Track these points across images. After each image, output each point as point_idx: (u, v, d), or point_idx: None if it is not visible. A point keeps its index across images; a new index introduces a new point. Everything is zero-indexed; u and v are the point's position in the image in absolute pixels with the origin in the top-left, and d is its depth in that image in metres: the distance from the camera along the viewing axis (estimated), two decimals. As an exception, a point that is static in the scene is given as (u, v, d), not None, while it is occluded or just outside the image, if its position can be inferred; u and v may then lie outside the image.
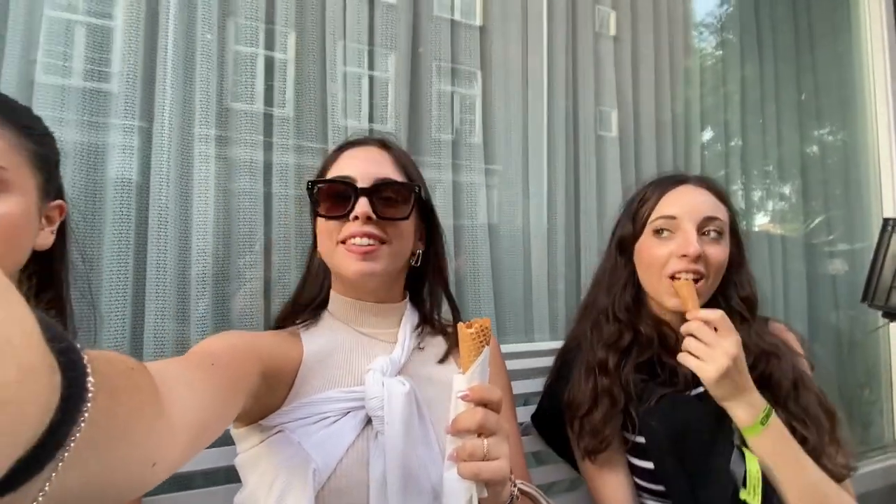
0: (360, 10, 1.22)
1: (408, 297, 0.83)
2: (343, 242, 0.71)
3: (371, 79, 1.24)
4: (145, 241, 0.96)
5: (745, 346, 0.79)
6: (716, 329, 0.75)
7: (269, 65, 1.13)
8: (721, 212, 0.88)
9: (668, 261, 0.85)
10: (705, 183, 0.92)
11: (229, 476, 0.80)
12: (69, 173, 0.91)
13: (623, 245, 0.95)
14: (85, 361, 0.24)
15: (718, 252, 0.85)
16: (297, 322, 0.78)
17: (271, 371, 0.65)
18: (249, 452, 0.68)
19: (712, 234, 0.85)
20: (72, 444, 0.24)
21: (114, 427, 0.29)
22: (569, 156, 1.47)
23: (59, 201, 0.64)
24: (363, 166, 0.74)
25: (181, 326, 0.97)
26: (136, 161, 0.98)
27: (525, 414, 1.05)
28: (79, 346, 0.25)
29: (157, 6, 1.00)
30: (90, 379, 0.25)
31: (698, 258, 0.82)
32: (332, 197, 0.73)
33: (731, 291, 0.90)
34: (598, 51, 1.56)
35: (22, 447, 0.20)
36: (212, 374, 0.50)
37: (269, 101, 1.12)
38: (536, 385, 1.10)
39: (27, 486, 0.22)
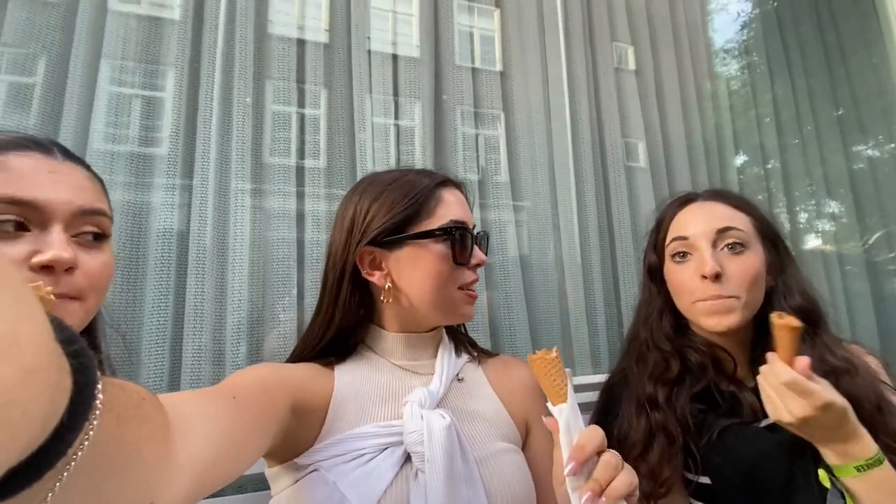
0: (385, 64, 1.29)
1: (443, 327, 0.80)
2: (461, 288, 0.73)
3: (398, 127, 1.29)
4: (184, 288, 0.99)
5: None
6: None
7: (302, 120, 1.20)
8: (739, 220, 0.81)
9: (692, 285, 0.80)
10: (717, 195, 0.86)
11: None
12: (115, 227, 0.97)
13: (652, 274, 0.91)
14: (96, 370, 0.24)
15: (742, 265, 0.78)
16: (330, 356, 0.74)
17: (301, 404, 0.62)
18: (283, 494, 0.64)
19: (733, 247, 0.79)
20: (74, 461, 0.23)
21: (117, 454, 0.28)
22: (598, 188, 1.46)
23: None
24: (468, 211, 0.76)
25: (217, 369, 0.99)
26: (177, 215, 1.04)
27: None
28: (93, 353, 0.24)
29: (200, 74, 1.10)
30: (99, 392, 0.24)
31: (718, 276, 0.76)
32: (462, 241, 0.72)
33: (779, 302, 0.80)
34: (620, 85, 1.58)
35: (21, 449, 0.19)
36: (231, 410, 0.48)
37: (301, 153, 1.18)
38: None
39: (23, 495, 0.21)
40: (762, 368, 0.68)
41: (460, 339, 0.82)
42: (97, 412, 0.23)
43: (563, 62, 1.50)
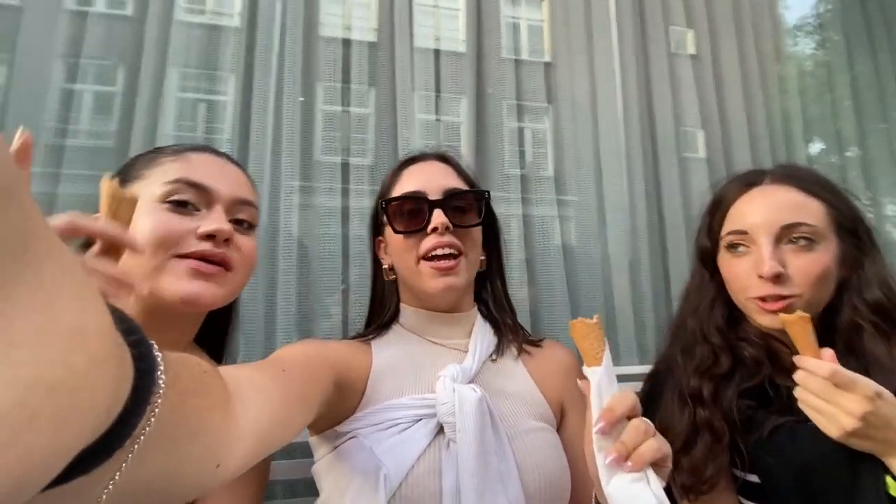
0: (429, 61, 1.30)
1: (476, 306, 0.82)
2: (425, 258, 0.72)
3: (442, 123, 1.30)
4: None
5: (881, 368, 0.63)
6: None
7: (349, 119, 1.23)
8: (810, 211, 0.71)
9: (747, 281, 0.73)
10: (788, 177, 0.75)
11: (309, 488, 0.81)
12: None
13: (705, 259, 0.83)
14: (156, 355, 0.25)
15: (809, 263, 0.69)
16: (368, 335, 0.78)
17: (343, 379, 0.66)
18: (324, 460, 0.68)
19: (800, 241, 0.70)
20: (142, 437, 0.25)
21: (183, 426, 0.30)
22: (648, 181, 1.39)
23: None
24: (430, 179, 0.75)
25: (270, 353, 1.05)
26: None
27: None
28: (152, 342, 0.26)
29: (254, 78, 1.16)
30: (161, 375, 0.26)
31: (778, 277, 0.69)
32: (405, 213, 0.73)
33: (853, 299, 0.72)
34: (675, 72, 1.49)
35: (90, 432, 0.20)
36: (281, 382, 0.51)
37: (348, 151, 1.22)
38: None
39: (98, 471, 0.23)
40: (797, 376, 0.63)
41: (502, 322, 0.82)
42: (160, 392, 0.25)
43: (614, 48, 1.44)
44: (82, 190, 1.03)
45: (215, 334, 0.75)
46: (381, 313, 0.80)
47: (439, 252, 0.71)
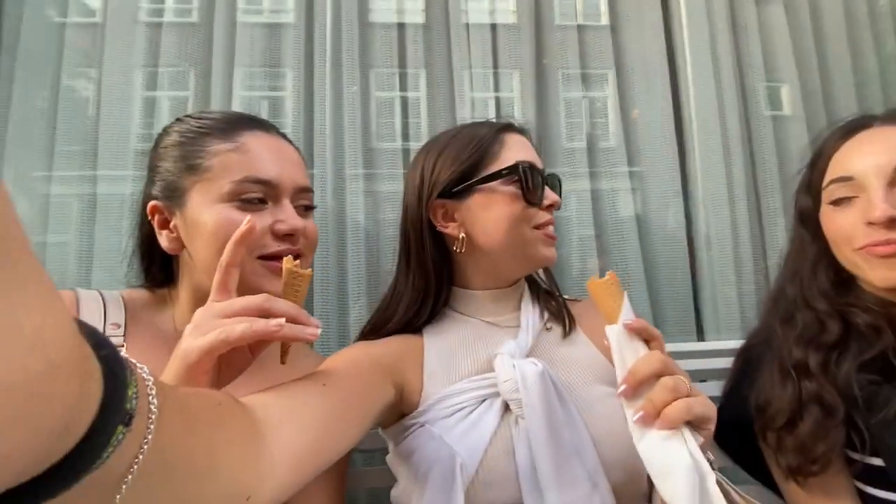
0: (483, 37, 1.26)
1: (524, 279, 0.80)
2: (538, 228, 0.72)
3: (498, 100, 1.25)
4: (312, 265, 1.10)
5: None
6: None
7: (405, 104, 1.23)
8: None
9: (853, 231, 0.64)
10: None
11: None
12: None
13: (805, 220, 0.75)
14: (126, 371, 0.23)
15: None
16: (418, 322, 0.75)
17: (399, 377, 0.66)
18: (396, 449, 0.68)
19: None
20: (135, 467, 0.24)
21: (195, 460, 0.29)
22: (744, 144, 1.26)
23: None
24: (532, 154, 0.75)
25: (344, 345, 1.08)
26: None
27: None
28: (139, 366, 0.25)
29: (313, 71, 1.18)
30: (153, 400, 0.24)
31: (892, 221, 0.60)
32: (531, 181, 0.71)
33: None
34: (762, 18, 1.33)
35: (45, 445, 0.19)
36: (321, 398, 0.51)
37: (405, 136, 1.21)
38: (710, 388, 0.92)
39: (71, 496, 0.21)
40: None
41: (539, 287, 0.81)
42: (152, 419, 0.24)
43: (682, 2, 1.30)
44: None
45: None
46: (431, 296, 0.74)
47: (551, 229, 0.73)
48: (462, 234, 0.71)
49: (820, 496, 0.65)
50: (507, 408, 0.65)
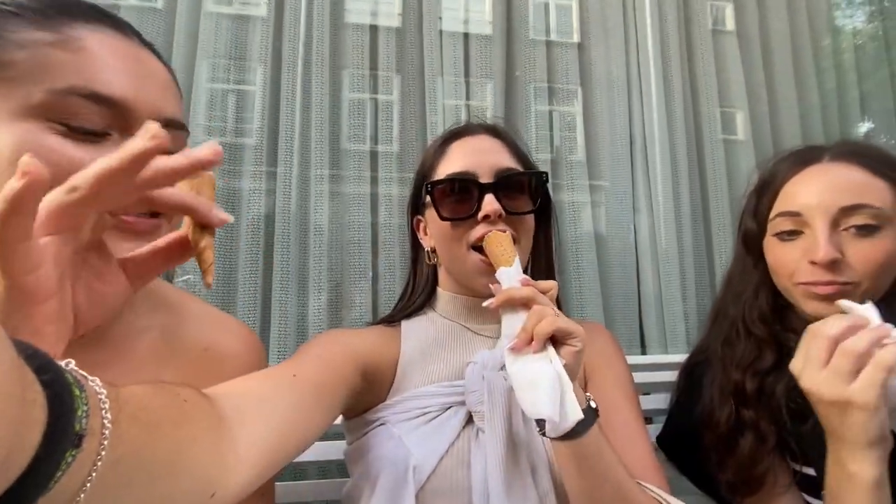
0: (456, 45, 1.27)
1: None
2: (475, 247, 0.65)
3: (469, 108, 1.27)
4: (272, 270, 1.07)
5: None
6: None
7: (376, 106, 1.22)
8: (875, 191, 0.63)
9: (797, 265, 0.66)
10: (850, 153, 0.67)
11: (342, 470, 0.82)
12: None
13: (748, 244, 0.76)
14: (81, 394, 0.22)
15: (872, 249, 0.62)
16: (398, 318, 0.75)
17: (371, 368, 0.64)
18: (354, 445, 0.67)
19: (863, 228, 0.63)
20: (89, 484, 0.23)
21: (158, 462, 0.28)
22: (692, 165, 1.33)
23: None
24: (480, 158, 0.67)
25: (302, 338, 1.07)
26: (263, 200, 1.12)
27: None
28: (91, 379, 0.24)
29: (282, 67, 1.16)
30: (107, 415, 0.23)
31: (834, 263, 0.62)
32: (452, 198, 0.66)
33: None
34: (717, 49, 1.41)
35: None
36: (291, 389, 0.49)
37: (375, 139, 1.21)
38: (654, 402, 0.97)
39: None
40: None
41: None
42: (105, 433, 0.23)
43: (647, 26, 1.36)
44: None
45: None
46: (415, 297, 0.76)
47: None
48: (429, 248, 0.73)
49: None
50: (470, 418, 0.63)
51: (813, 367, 0.53)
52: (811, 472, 0.65)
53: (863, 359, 0.50)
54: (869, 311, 0.53)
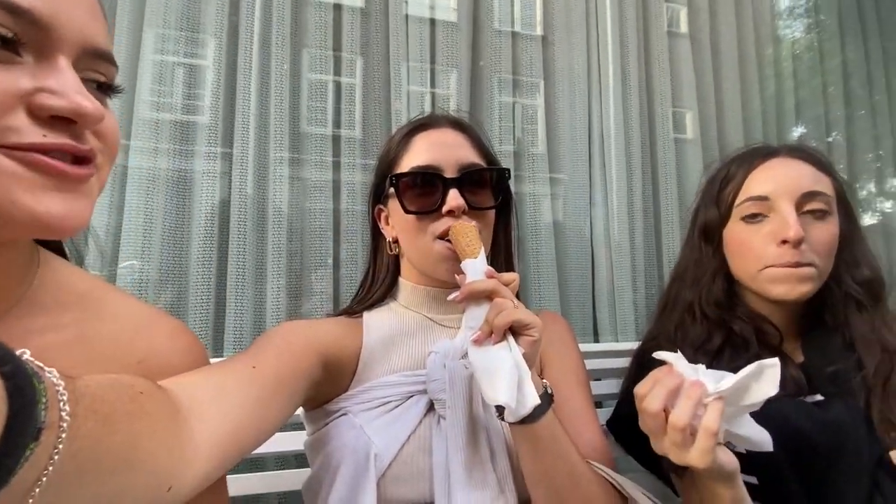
0: (423, 31, 1.25)
1: None
2: (442, 238, 0.67)
3: (433, 95, 1.26)
4: (227, 256, 1.03)
5: (866, 343, 0.67)
6: None
7: (338, 89, 1.19)
8: (824, 184, 0.74)
9: (764, 250, 0.73)
10: (802, 152, 0.77)
11: (300, 461, 0.81)
12: (161, 196, 1.02)
13: (707, 233, 0.82)
14: (40, 386, 0.22)
15: (825, 232, 0.72)
16: (359, 309, 0.75)
17: (333, 359, 0.64)
18: (315, 435, 0.67)
19: (817, 213, 0.73)
20: (44, 479, 0.22)
21: (113, 456, 0.28)
22: (645, 161, 1.39)
23: None
24: (444, 152, 0.69)
25: (258, 332, 1.03)
26: (218, 183, 1.06)
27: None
28: (48, 370, 0.23)
29: (238, 42, 1.10)
30: (65, 408, 0.23)
31: (800, 242, 0.70)
32: (417, 191, 0.67)
33: (843, 274, 0.75)
34: (672, 50, 1.48)
35: None
36: (250, 381, 0.49)
37: (337, 123, 1.17)
38: (605, 387, 1.02)
39: None
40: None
41: None
42: (63, 426, 0.23)
43: (608, 24, 1.40)
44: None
45: None
46: (375, 287, 0.76)
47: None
48: (390, 239, 0.74)
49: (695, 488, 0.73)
50: (431, 406, 0.65)
51: (657, 438, 0.56)
52: (752, 480, 0.68)
53: (691, 427, 0.52)
54: (680, 363, 0.54)
